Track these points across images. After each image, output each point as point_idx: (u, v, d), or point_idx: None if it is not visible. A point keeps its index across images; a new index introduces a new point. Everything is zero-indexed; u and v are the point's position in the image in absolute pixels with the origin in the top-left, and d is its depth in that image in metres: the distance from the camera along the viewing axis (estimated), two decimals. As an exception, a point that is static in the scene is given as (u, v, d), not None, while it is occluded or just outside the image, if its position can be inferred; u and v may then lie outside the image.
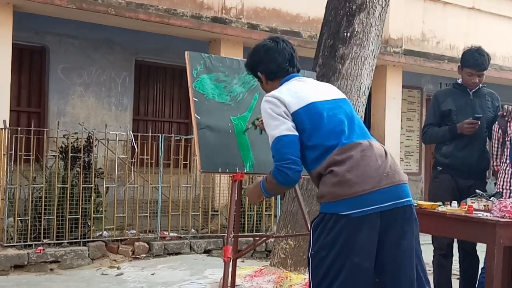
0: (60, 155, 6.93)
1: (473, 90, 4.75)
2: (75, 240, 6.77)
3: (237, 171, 3.79)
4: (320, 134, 2.73)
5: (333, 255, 2.62)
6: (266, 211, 7.95)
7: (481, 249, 4.11)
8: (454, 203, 3.89)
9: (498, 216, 3.47)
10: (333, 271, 2.62)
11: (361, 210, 2.60)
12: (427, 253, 5.61)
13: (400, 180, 2.71)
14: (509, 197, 4.19)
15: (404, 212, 2.70)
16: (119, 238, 7.22)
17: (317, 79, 5.07)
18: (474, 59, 4.65)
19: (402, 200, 2.69)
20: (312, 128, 2.74)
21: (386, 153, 2.77)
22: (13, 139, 6.57)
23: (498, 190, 4.34)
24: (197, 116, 3.78)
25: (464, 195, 4.33)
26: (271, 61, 3.00)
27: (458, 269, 4.86)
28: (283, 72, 3.00)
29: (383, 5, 5.51)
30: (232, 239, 3.80)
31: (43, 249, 6.46)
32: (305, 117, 2.75)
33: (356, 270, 2.61)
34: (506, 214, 3.45)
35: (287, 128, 2.72)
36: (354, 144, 2.71)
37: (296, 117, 2.75)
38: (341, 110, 2.82)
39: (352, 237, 2.60)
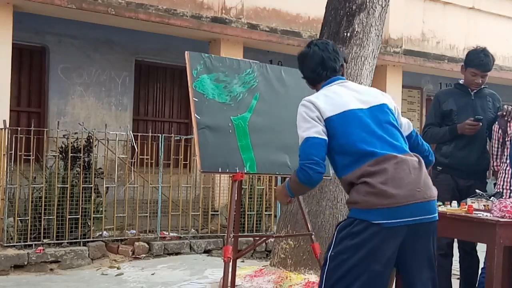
0: (60, 155, 6.92)
1: (475, 91, 4.74)
2: (75, 240, 6.76)
3: (237, 171, 3.80)
4: (352, 141, 2.76)
5: (355, 259, 2.67)
6: (266, 211, 7.95)
7: (481, 249, 4.11)
8: (454, 203, 3.88)
9: (498, 216, 3.47)
10: (352, 275, 2.68)
11: (393, 221, 2.67)
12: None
13: (431, 196, 2.79)
14: (509, 197, 4.19)
15: (430, 226, 2.82)
16: (119, 238, 7.21)
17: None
18: (479, 59, 4.63)
19: (430, 216, 2.79)
20: (344, 135, 2.77)
21: (420, 166, 2.81)
22: (13, 139, 6.57)
23: (498, 190, 4.34)
24: (197, 116, 3.78)
25: (464, 195, 4.33)
26: (305, 69, 3.07)
27: (458, 269, 4.86)
28: (318, 77, 3.02)
29: (383, 5, 5.51)
30: (232, 239, 3.80)
31: (43, 249, 6.46)
32: (338, 123, 2.78)
33: (374, 277, 2.70)
34: (506, 214, 3.45)
35: (317, 131, 2.76)
36: (388, 156, 2.74)
37: (329, 123, 2.79)
38: (375, 119, 2.83)
39: (379, 246, 2.67)
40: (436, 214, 2.84)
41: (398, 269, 2.85)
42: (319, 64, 3.00)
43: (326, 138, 2.76)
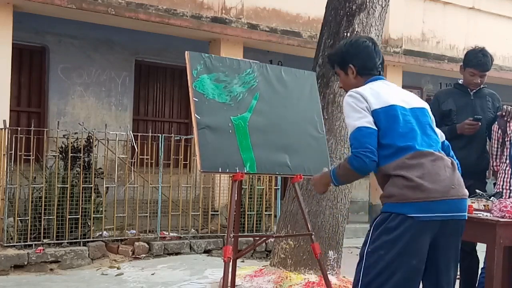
0: (60, 155, 6.92)
1: (474, 91, 4.75)
2: (75, 240, 6.76)
3: (237, 171, 3.79)
4: (393, 135, 2.82)
5: (392, 254, 2.72)
6: (266, 211, 7.95)
7: (481, 249, 4.11)
8: (454, 203, 3.88)
9: (498, 216, 3.47)
10: (389, 271, 2.72)
11: (428, 215, 2.73)
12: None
13: (464, 195, 2.86)
14: (509, 197, 4.19)
15: (461, 225, 2.89)
16: (119, 238, 7.21)
17: (317, 79, 5.09)
18: (478, 59, 4.64)
19: (461, 214, 2.85)
20: (387, 128, 2.83)
21: (454, 166, 2.89)
22: (13, 139, 6.57)
23: (498, 190, 4.34)
24: (197, 116, 3.78)
25: None
26: (369, 58, 3.07)
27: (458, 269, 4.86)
28: (375, 71, 3.08)
29: (383, 5, 5.51)
30: (232, 239, 3.80)
31: (43, 249, 6.46)
32: (383, 116, 2.84)
33: (411, 272, 2.75)
34: (506, 214, 3.45)
35: (368, 121, 2.82)
36: (426, 152, 2.82)
37: (375, 115, 2.84)
38: (416, 119, 2.91)
39: (415, 239, 2.73)
40: (466, 214, 2.90)
41: (425, 268, 2.88)
42: (381, 63, 3.10)
43: (376, 128, 2.82)
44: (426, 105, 3.06)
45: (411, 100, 2.99)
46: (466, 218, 2.92)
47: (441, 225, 2.78)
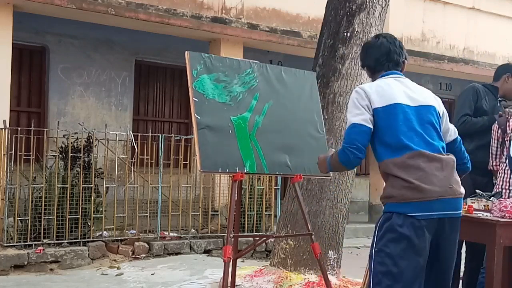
0: (60, 155, 6.92)
1: (499, 98, 4.89)
2: (75, 240, 6.76)
3: (237, 171, 3.80)
4: (393, 133, 2.91)
5: (398, 252, 2.81)
6: (266, 211, 7.95)
7: (481, 249, 4.11)
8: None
9: (498, 216, 3.48)
10: (397, 268, 2.80)
11: (426, 214, 2.83)
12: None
13: (460, 193, 2.96)
14: (509, 197, 4.19)
15: (457, 222, 2.97)
16: (119, 238, 7.22)
17: (317, 79, 5.09)
18: None
19: (458, 212, 2.95)
20: (387, 127, 2.92)
21: (452, 165, 2.97)
22: (13, 139, 6.57)
23: (497, 190, 4.35)
24: (197, 116, 3.78)
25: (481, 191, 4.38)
26: (370, 57, 3.18)
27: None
28: (381, 66, 3.14)
29: (383, 5, 5.51)
30: (232, 239, 3.80)
31: (43, 249, 6.46)
32: (384, 115, 2.92)
33: (418, 270, 2.84)
34: (506, 214, 3.45)
35: (364, 119, 2.91)
36: (422, 152, 2.88)
37: (376, 113, 2.94)
38: (418, 118, 2.96)
39: (416, 237, 2.82)
40: (461, 211, 2.98)
41: (429, 266, 2.96)
42: (385, 54, 3.13)
43: (371, 127, 2.92)
44: (435, 103, 3.08)
45: (419, 98, 3.03)
46: (461, 216, 2.99)
47: (438, 223, 2.86)
